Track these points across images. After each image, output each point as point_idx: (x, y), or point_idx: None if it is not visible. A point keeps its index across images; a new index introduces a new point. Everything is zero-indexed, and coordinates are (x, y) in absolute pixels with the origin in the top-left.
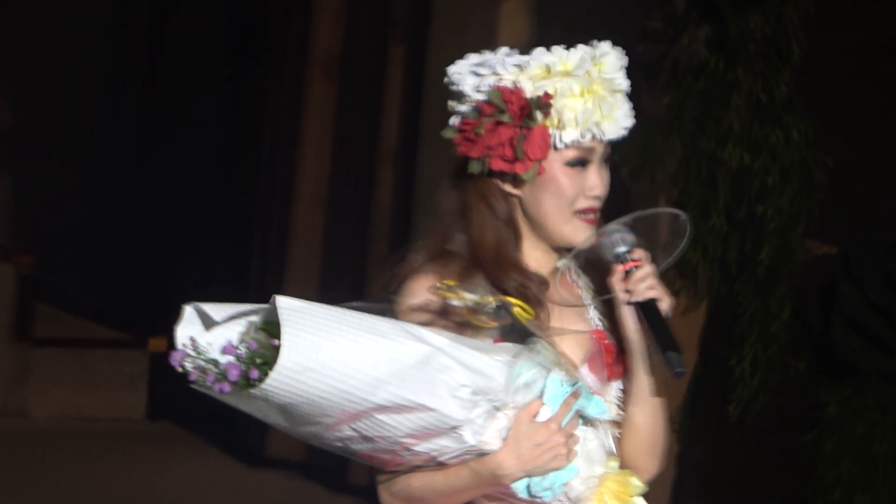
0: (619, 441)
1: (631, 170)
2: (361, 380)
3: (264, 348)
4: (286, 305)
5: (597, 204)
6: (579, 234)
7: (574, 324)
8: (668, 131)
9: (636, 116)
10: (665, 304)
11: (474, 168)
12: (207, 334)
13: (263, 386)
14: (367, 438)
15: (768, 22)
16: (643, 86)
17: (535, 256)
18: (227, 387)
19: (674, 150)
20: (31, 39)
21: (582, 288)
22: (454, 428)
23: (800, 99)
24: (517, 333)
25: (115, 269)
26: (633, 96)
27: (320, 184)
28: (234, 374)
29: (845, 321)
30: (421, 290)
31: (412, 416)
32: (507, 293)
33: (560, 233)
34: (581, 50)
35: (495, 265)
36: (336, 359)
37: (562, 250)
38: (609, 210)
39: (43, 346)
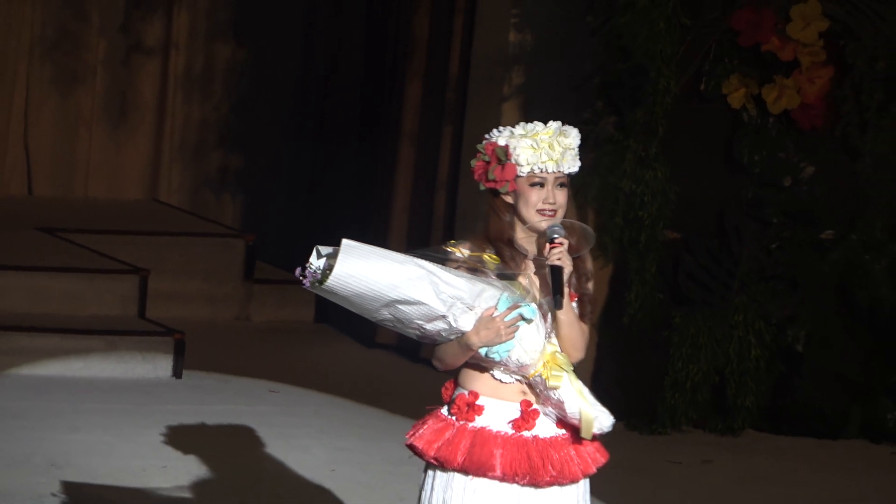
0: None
1: (572, 193)
2: (384, 284)
3: (330, 265)
4: (347, 243)
5: (550, 207)
6: (541, 223)
7: (538, 278)
8: (591, 174)
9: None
10: (567, 270)
11: (481, 187)
12: (317, 261)
13: (326, 285)
14: (398, 319)
15: (646, 114)
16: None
17: (524, 238)
18: (307, 283)
19: (595, 184)
20: (239, 112)
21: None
22: (443, 317)
23: (663, 155)
24: (504, 275)
25: (298, 240)
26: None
27: (405, 200)
28: (310, 277)
29: (685, 273)
30: (461, 249)
31: (416, 307)
32: (502, 257)
33: (531, 222)
34: (532, 125)
35: (497, 242)
36: (369, 272)
37: (536, 232)
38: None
39: (259, 284)
